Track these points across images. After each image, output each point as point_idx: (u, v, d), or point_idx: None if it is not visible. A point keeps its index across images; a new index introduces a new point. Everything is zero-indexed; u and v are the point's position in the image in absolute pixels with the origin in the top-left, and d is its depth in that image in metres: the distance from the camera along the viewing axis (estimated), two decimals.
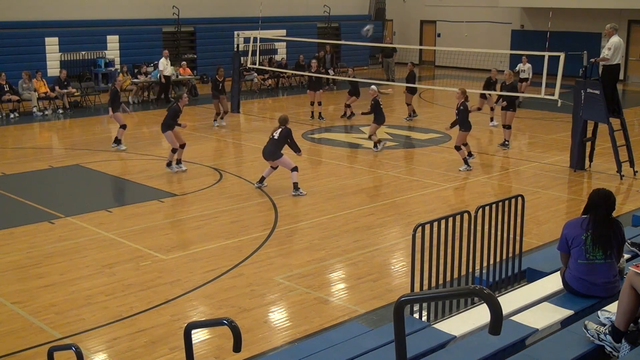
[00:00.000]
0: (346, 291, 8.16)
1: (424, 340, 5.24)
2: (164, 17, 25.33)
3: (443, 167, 13.94)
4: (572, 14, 26.91)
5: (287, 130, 11.77)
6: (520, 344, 5.12)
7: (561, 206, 11.65)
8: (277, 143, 11.75)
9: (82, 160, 14.33)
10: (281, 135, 11.72)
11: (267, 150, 11.83)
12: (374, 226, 10.37)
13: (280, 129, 11.76)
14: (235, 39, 21.33)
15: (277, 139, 11.73)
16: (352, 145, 16.17)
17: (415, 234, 6.10)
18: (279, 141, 11.74)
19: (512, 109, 15.34)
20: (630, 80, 27.40)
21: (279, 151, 11.77)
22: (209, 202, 11.46)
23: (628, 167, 13.20)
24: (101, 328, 7.08)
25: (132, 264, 8.79)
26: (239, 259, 8.93)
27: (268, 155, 11.84)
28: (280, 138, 11.72)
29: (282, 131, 11.73)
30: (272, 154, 11.77)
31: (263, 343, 6.78)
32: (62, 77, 20.26)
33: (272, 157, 11.79)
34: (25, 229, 10.14)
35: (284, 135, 11.73)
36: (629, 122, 14.58)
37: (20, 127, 18.20)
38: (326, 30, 29.91)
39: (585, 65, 13.22)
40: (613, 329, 4.75)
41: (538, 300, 5.83)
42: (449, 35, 32.00)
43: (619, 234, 5.65)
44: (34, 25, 22.49)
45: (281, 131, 11.73)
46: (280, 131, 11.73)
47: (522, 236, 7.13)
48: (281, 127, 11.79)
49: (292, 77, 25.69)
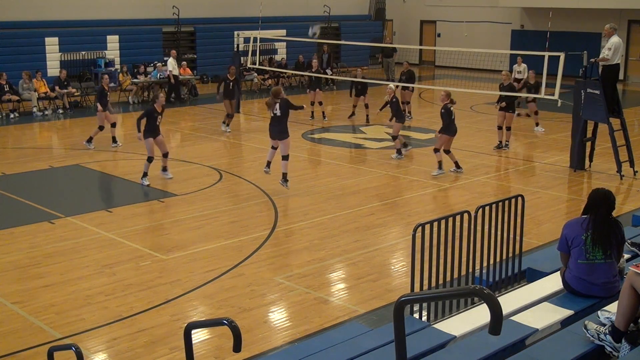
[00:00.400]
0: (346, 291, 8.16)
1: (424, 340, 5.24)
2: (164, 17, 25.33)
3: (443, 167, 13.91)
4: (572, 14, 26.91)
5: (284, 100, 11.65)
6: (520, 344, 5.12)
7: (561, 206, 11.65)
8: (282, 118, 11.60)
9: (82, 160, 14.34)
10: (282, 109, 11.58)
11: (276, 130, 11.65)
12: (374, 226, 10.37)
13: (277, 102, 11.59)
14: (235, 39, 21.36)
15: (280, 115, 11.58)
16: (352, 145, 16.17)
17: (415, 234, 6.10)
18: (282, 116, 11.59)
19: (511, 110, 15.31)
20: (630, 80, 27.40)
21: (286, 128, 11.65)
22: (209, 202, 11.46)
23: (628, 167, 13.20)
24: (101, 328, 7.08)
25: (132, 264, 8.80)
26: (239, 259, 8.93)
27: (277, 135, 11.66)
28: (282, 111, 11.59)
29: (280, 104, 11.59)
30: (281, 132, 11.63)
31: (263, 343, 6.78)
32: (62, 77, 20.26)
33: (281, 136, 11.63)
34: (25, 229, 10.14)
35: (285, 106, 11.61)
36: (629, 122, 14.58)
37: (20, 127, 18.20)
38: (326, 30, 29.91)
39: (585, 65, 13.22)
40: (613, 329, 4.75)
41: (538, 300, 5.83)
42: (449, 35, 32.00)
43: (619, 234, 5.65)
44: (34, 25, 22.48)
45: (280, 104, 11.58)
46: (278, 105, 11.57)
47: (522, 236, 7.13)
48: (277, 100, 11.62)
49: (292, 77, 25.70)
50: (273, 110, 11.67)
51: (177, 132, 18.16)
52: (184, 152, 15.27)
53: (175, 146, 16.23)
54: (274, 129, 11.73)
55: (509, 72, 16.38)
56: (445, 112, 12.96)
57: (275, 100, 11.66)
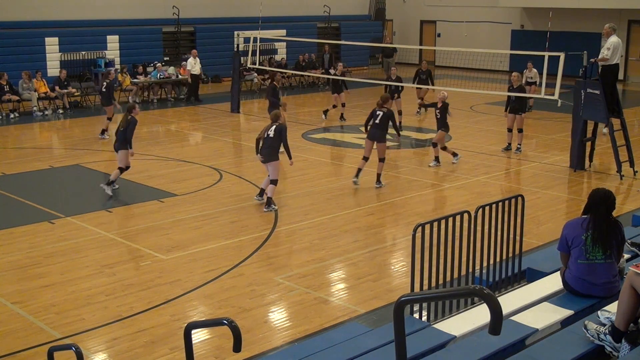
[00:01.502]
0: (346, 291, 8.16)
1: (424, 340, 5.24)
2: (164, 17, 25.34)
3: (443, 167, 13.93)
4: (572, 14, 26.91)
5: (280, 127, 11.01)
6: (520, 344, 5.12)
7: (561, 206, 11.65)
8: (273, 141, 10.90)
9: (82, 160, 14.34)
10: (276, 133, 10.91)
11: (266, 152, 10.90)
12: (374, 226, 10.37)
13: (274, 125, 11.00)
14: (235, 39, 21.34)
15: (272, 137, 10.89)
16: (352, 145, 16.16)
17: (415, 234, 6.10)
18: (274, 139, 10.90)
19: (521, 112, 15.04)
20: (630, 80, 27.40)
21: (277, 151, 10.94)
22: (209, 202, 11.46)
23: (628, 167, 13.20)
24: (101, 328, 7.08)
25: (132, 264, 8.80)
26: (239, 259, 8.93)
27: (268, 157, 10.90)
28: (275, 136, 10.90)
29: (276, 128, 10.97)
30: (270, 155, 10.89)
31: (263, 343, 6.78)
32: (62, 77, 20.27)
33: (270, 158, 10.89)
34: (25, 229, 10.14)
35: (279, 132, 10.93)
36: (629, 122, 14.58)
37: (20, 127, 18.20)
38: (326, 30, 29.90)
39: (585, 65, 13.22)
40: (613, 329, 4.75)
41: (538, 300, 5.83)
42: (449, 35, 32.00)
43: (619, 234, 5.64)
44: (34, 25, 22.49)
45: (275, 128, 10.97)
46: (274, 128, 10.96)
47: (522, 236, 7.13)
48: (274, 123, 11.05)
49: (292, 77, 25.70)
50: (267, 131, 10.98)
51: (178, 132, 18.16)
52: (184, 152, 15.27)
53: (175, 146, 16.24)
54: (265, 150, 10.94)
55: (519, 74, 15.67)
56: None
57: (273, 123, 11.08)
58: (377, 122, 12.12)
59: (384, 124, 12.12)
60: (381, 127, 12.12)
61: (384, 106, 12.26)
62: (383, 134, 12.20)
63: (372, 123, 12.23)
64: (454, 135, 17.48)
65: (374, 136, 12.20)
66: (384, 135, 12.25)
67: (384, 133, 12.21)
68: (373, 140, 12.22)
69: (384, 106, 12.26)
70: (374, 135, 12.19)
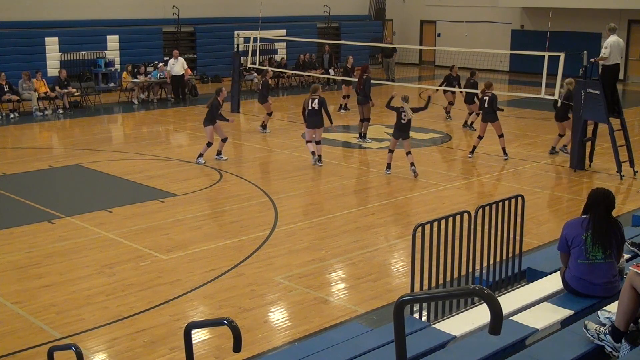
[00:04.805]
0: (346, 291, 8.16)
1: (424, 340, 5.24)
2: (164, 17, 25.32)
3: (443, 167, 13.94)
4: (572, 14, 26.90)
5: (322, 99, 13.27)
6: (520, 344, 5.12)
7: (561, 206, 11.65)
8: (318, 112, 13.22)
9: (82, 160, 14.33)
10: (319, 104, 13.18)
11: (316, 120, 13.24)
12: (374, 226, 10.37)
13: (315, 98, 13.21)
14: (235, 39, 21.33)
15: (317, 109, 13.19)
16: (352, 145, 16.16)
17: (415, 234, 6.10)
18: (319, 110, 13.20)
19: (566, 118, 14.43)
20: (630, 80, 27.40)
21: (322, 118, 13.22)
22: (209, 202, 11.46)
23: (628, 167, 13.20)
24: (101, 328, 7.08)
25: (132, 264, 8.79)
26: (239, 259, 8.93)
27: (318, 124, 13.24)
28: (319, 107, 13.19)
29: (319, 100, 13.19)
30: (317, 123, 13.23)
31: (263, 343, 6.78)
32: (62, 77, 20.25)
33: (319, 125, 13.22)
34: (25, 229, 10.13)
35: (320, 104, 13.20)
36: (629, 122, 14.57)
37: (20, 127, 18.19)
38: (326, 30, 29.90)
39: (585, 65, 13.22)
40: (613, 329, 4.75)
41: (538, 300, 5.83)
42: (449, 35, 31.98)
43: (618, 234, 5.64)
44: (34, 25, 22.48)
45: (318, 100, 13.20)
46: (317, 101, 13.19)
47: (522, 236, 7.13)
48: (314, 97, 13.23)
49: (292, 77, 25.69)
50: (310, 104, 13.27)
51: (178, 132, 18.16)
52: (184, 152, 15.26)
53: (175, 146, 16.24)
54: (313, 119, 13.30)
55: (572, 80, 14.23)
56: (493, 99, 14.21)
57: (313, 95, 13.30)
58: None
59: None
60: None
61: (488, 91, 13.88)
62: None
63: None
64: (454, 135, 17.51)
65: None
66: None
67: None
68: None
69: (487, 91, 13.87)
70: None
